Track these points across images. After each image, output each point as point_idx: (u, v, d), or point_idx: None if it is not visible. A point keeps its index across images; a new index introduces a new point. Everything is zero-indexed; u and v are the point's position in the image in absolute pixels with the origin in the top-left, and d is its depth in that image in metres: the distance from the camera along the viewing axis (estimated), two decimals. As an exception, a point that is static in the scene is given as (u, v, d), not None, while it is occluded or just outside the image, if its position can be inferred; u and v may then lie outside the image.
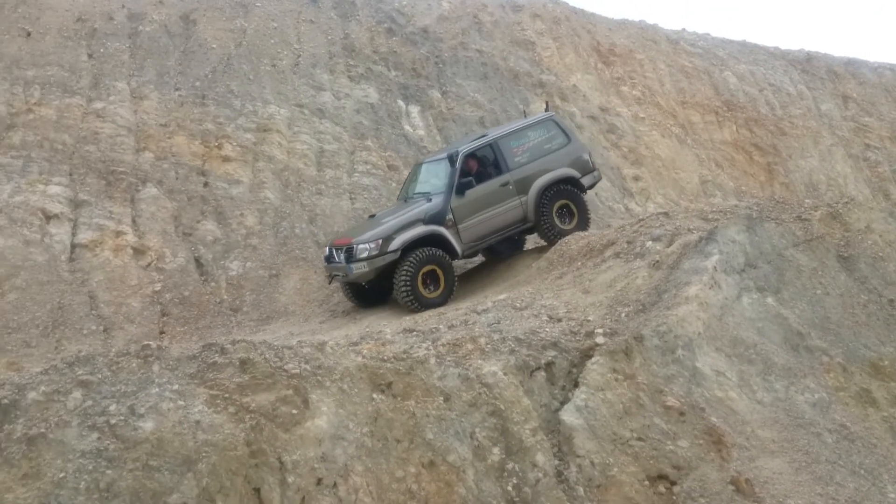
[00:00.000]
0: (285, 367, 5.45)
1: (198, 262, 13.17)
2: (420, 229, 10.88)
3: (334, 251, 11.33)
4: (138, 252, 12.85)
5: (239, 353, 5.39)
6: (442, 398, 5.78)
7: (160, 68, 16.41)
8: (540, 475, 5.63)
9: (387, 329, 8.45)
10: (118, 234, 12.96)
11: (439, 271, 10.81)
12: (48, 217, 12.76)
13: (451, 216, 11.14)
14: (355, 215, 15.00)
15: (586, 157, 12.51)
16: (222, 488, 4.57)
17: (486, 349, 6.33)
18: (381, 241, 10.71)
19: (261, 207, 14.54)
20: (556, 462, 5.84)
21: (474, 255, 12.14)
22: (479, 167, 11.83)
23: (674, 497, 5.78)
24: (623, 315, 7.17)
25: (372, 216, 12.90)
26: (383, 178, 16.10)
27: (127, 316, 11.52)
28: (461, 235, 11.19)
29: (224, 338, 6.82)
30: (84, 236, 12.70)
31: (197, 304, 12.27)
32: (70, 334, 10.61)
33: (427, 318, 9.18)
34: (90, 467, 4.30)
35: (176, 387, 5.03)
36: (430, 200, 11.31)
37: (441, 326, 7.57)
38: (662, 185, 20.37)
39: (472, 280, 12.30)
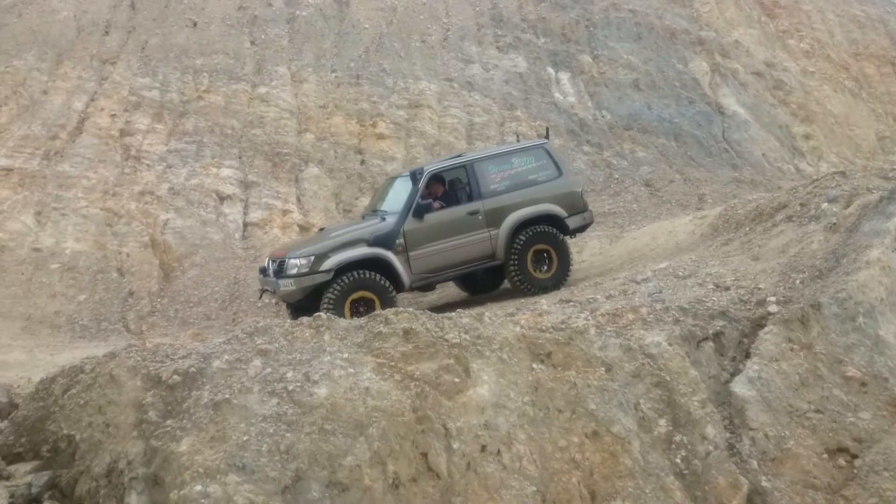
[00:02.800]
0: (446, 336, 5.54)
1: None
2: (360, 251, 9.44)
3: (269, 263, 9.94)
4: (304, 228, 13.48)
5: (402, 324, 5.53)
6: (603, 369, 5.69)
7: (317, 51, 17.04)
8: (710, 448, 5.45)
9: (542, 300, 8.42)
10: (285, 212, 13.66)
11: (375, 299, 9.25)
12: (222, 198, 13.64)
13: (401, 240, 9.66)
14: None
15: (577, 193, 10.64)
16: (392, 452, 4.73)
17: (649, 319, 6.16)
18: (312, 259, 9.35)
19: (412, 182, 14.86)
20: (728, 435, 5.63)
21: (427, 288, 10.49)
22: (446, 190, 10.34)
23: (855, 470, 5.45)
24: (797, 282, 6.76)
25: (321, 230, 11.69)
26: (535, 149, 16.00)
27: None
28: (411, 264, 9.69)
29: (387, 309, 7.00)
30: (254, 215, 13.49)
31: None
32: (245, 307, 11.30)
33: (583, 290, 9.05)
34: (271, 430, 4.57)
35: (346, 355, 5.23)
36: (383, 220, 9.92)
37: (599, 297, 7.45)
38: (836, 142, 18.99)
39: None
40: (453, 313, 6.04)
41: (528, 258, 9.94)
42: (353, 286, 9.26)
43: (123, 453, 4.65)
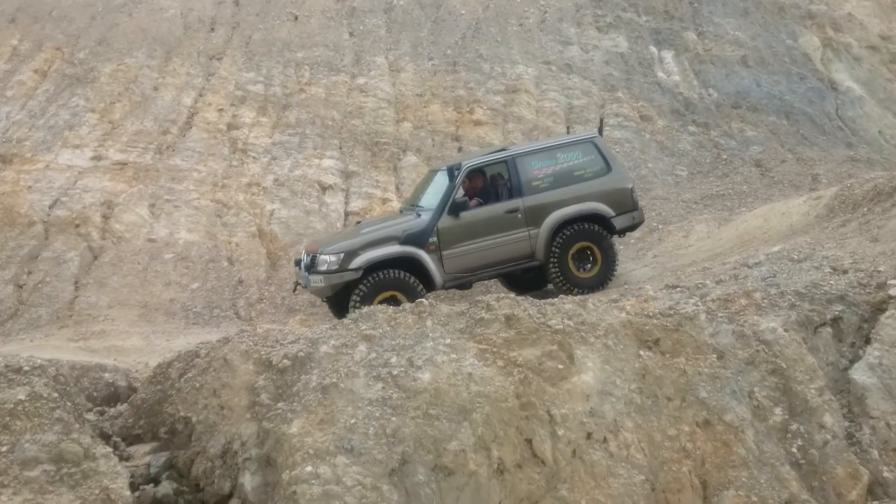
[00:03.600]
0: (549, 322, 5.46)
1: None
2: (391, 249, 9.21)
3: (305, 256, 9.78)
4: (403, 216, 13.64)
5: (504, 310, 5.48)
6: (715, 356, 5.49)
7: (414, 40, 17.14)
8: (828, 437, 5.19)
9: (648, 285, 8.20)
10: (384, 200, 13.84)
11: (404, 299, 8.81)
12: (323, 188, 13.93)
13: (434, 239, 9.34)
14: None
15: (627, 191, 10.03)
16: (496, 438, 4.70)
17: (763, 304, 5.90)
18: (343, 256, 9.16)
19: (514, 168, 14.75)
20: (846, 423, 5.35)
21: (464, 287, 10.11)
22: (485, 186, 10.00)
23: (983, 461, 5.09)
24: (922, 264, 6.35)
25: (358, 223, 11.54)
26: (636, 131, 15.61)
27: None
28: (444, 263, 9.38)
29: (489, 295, 6.99)
30: (355, 204, 13.71)
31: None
32: (350, 294, 11.48)
33: (691, 275, 8.78)
34: (377, 414, 4.62)
35: (448, 341, 5.23)
36: (419, 216, 9.62)
37: (708, 282, 7.19)
38: (959, 117, 17.75)
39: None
40: (555, 299, 5.96)
41: (568, 257, 9.53)
42: (381, 285, 9.06)
43: (237, 435, 4.80)
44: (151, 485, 4.71)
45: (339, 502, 4.20)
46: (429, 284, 9.34)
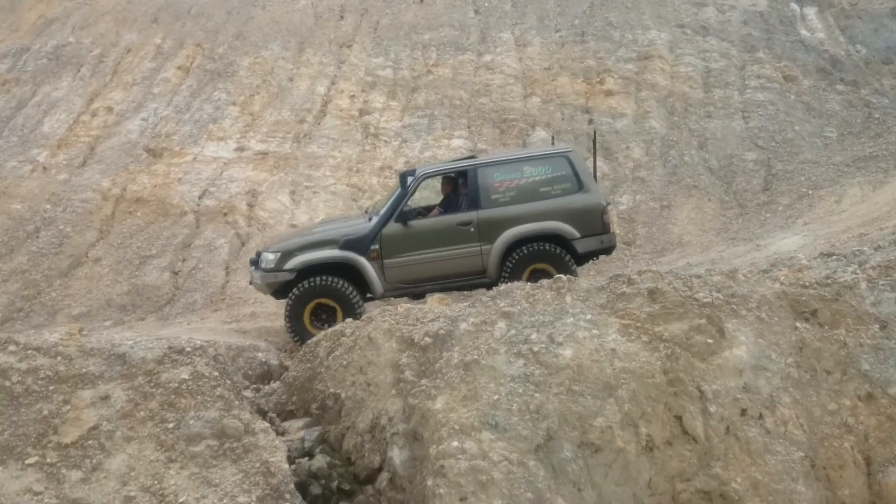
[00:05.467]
0: (695, 295, 5.26)
1: (589, 198, 13.44)
2: (327, 253, 8.86)
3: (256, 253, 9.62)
4: (534, 193, 13.52)
5: (647, 283, 5.33)
6: (877, 326, 5.13)
7: (540, 13, 16.89)
8: None
9: (800, 254, 7.76)
10: (515, 177, 13.76)
11: (337, 308, 8.69)
12: (455, 167, 14.01)
13: (377, 246, 8.89)
14: (749, 135, 14.02)
15: (597, 212, 9.11)
16: (644, 414, 4.59)
17: (930, 270, 5.45)
18: (279, 256, 8.92)
19: (646, 138, 14.31)
20: None
21: (418, 297, 9.44)
22: (450, 195, 9.49)
23: None
24: None
25: (321, 221, 11.09)
26: (780, 92, 14.77)
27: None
28: (385, 272, 8.93)
29: (629, 269, 6.82)
30: (486, 182, 13.72)
31: (592, 239, 12.52)
32: (483, 272, 11.51)
33: (846, 241, 8.24)
34: (520, 390, 4.60)
35: (589, 316, 5.14)
36: (370, 220, 9.18)
37: (866, 248, 6.71)
38: None
39: None
40: (703, 271, 5.73)
41: (523, 279, 8.64)
42: (314, 291, 8.75)
43: (384, 410, 4.92)
44: (306, 458, 4.90)
45: (487, 477, 4.22)
46: (367, 293, 9.03)
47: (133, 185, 13.60)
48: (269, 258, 8.99)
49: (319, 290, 8.74)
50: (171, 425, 4.15)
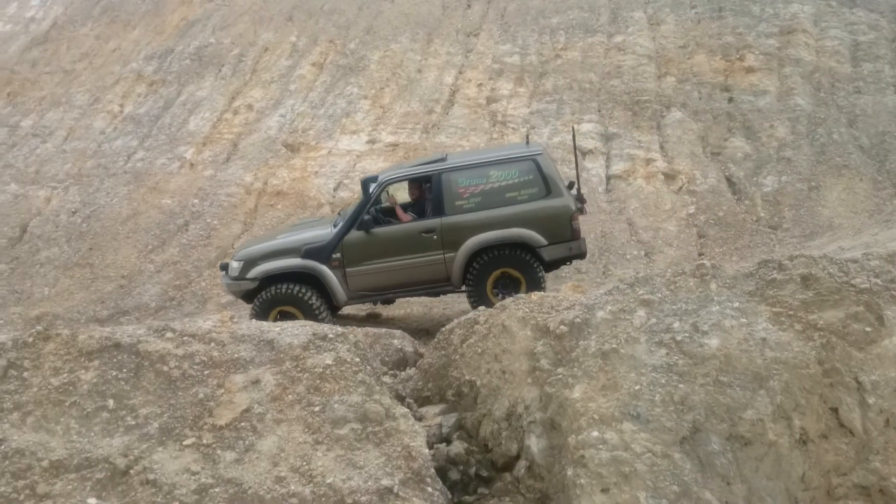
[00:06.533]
0: (852, 281, 4.93)
1: (729, 180, 12.90)
2: (288, 262, 8.77)
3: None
4: (669, 177, 13.09)
5: (799, 269, 5.03)
6: None
7: (673, -11, 16.33)
8: None
9: (969, 236, 7.14)
10: (648, 161, 13.37)
11: (298, 314, 8.59)
12: (584, 153, 13.76)
13: (339, 255, 8.74)
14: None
15: (566, 219, 8.74)
16: (797, 406, 4.34)
17: None
18: (243, 265, 8.91)
19: (791, 116, 13.57)
20: None
21: (387, 301, 9.41)
22: (419, 199, 9.30)
23: None
24: None
25: (295, 224, 10.85)
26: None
27: (665, 240, 11.85)
28: (348, 281, 8.78)
29: (776, 254, 6.48)
30: (617, 167, 13.41)
31: (733, 223, 12.03)
32: (615, 259, 11.31)
33: None
34: (663, 381, 4.45)
35: (736, 304, 4.91)
36: (335, 227, 9.06)
37: None
38: None
39: None
40: (859, 255, 5.36)
41: (487, 285, 8.64)
42: (275, 300, 8.72)
43: (520, 398, 4.88)
44: (444, 444, 4.95)
45: (629, 468, 4.11)
46: (331, 302, 8.95)
47: (273, 179, 14.18)
48: (234, 266, 9.09)
49: (282, 298, 8.78)
50: (317, 408, 4.28)
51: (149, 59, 19.01)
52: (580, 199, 9.39)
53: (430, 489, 3.98)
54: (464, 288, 9.00)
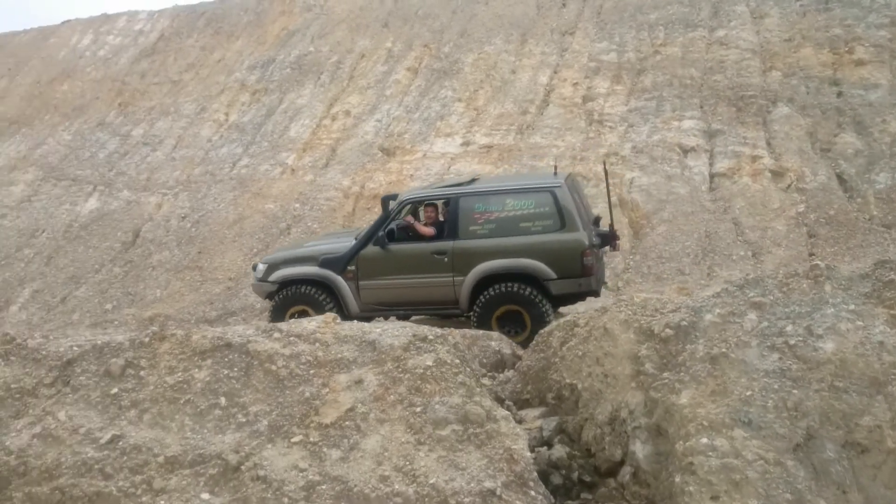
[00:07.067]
0: (978, 282, 4.62)
1: (840, 178, 12.34)
2: (305, 269, 9.25)
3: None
4: (776, 174, 12.63)
5: (919, 270, 4.75)
6: None
7: (777, -19, 15.74)
8: None
9: None
10: (754, 158, 12.93)
11: (312, 313, 8.62)
12: (685, 151, 13.43)
13: (353, 267, 9.07)
14: None
15: (577, 254, 8.53)
16: (922, 415, 4.10)
17: None
18: (267, 268, 9.53)
19: (908, 109, 12.87)
20: None
21: (405, 317, 9.18)
22: (438, 219, 9.39)
23: None
24: None
25: (325, 234, 11.53)
26: None
27: (773, 240, 11.43)
28: (361, 293, 9.11)
29: (891, 254, 6.16)
30: (721, 165, 13.02)
31: (844, 222, 11.49)
32: (720, 261, 10.98)
33: None
34: (775, 386, 4.28)
35: (851, 306, 4.68)
36: (355, 240, 9.41)
37: None
38: None
39: None
40: None
41: (493, 319, 8.61)
42: (291, 300, 9.23)
43: (624, 403, 4.79)
44: (545, 448, 4.90)
45: (740, 476, 3.97)
46: (344, 311, 9.18)
47: (370, 183, 14.42)
48: (259, 268, 9.72)
49: (298, 298, 9.30)
50: (418, 409, 4.31)
51: (251, 68, 19.66)
52: (612, 235, 9.35)
53: (532, 493, 3.95)
54: (471, 315, 9.06)
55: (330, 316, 5.12)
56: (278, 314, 9.24)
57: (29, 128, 20.49)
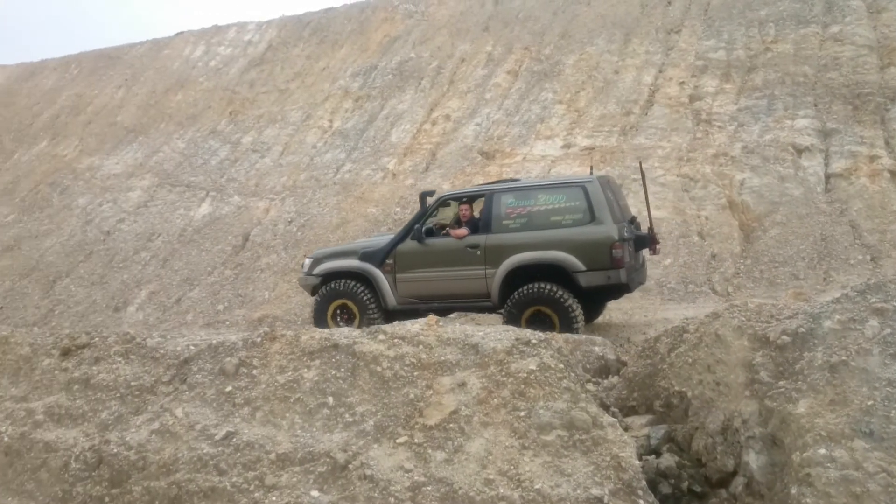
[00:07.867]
0: None
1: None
2: (345, 263, 9.72)
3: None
4: (895, 175, 11.93)
5: None
6: None
7: (898, -29, 14.90)
8: None
9: None
10: (872, 158, 12.28)
11: (355, 309, 9.51)
12: (798, 151, 12.87)
13: (391, 261, 9.47)
14: None
15: (606, 246, 8.53)
16: None
17: None
18: (312, 262, 10.05)
19: None
20: None
21: (442, 313, 8.96)
22: (473, 217, 9.58)
23: None
24: None
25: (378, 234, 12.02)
26: None
27: (892, 243, 10.83)
28: (398, 286, 9.48)
29: None
30: (837, 165, 12.41)
31: (974, 224, 10.74)
32: (836, 265, 10.47)
33: None
34: (900, 397, 4.04)
35: None
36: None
37: None
38: None
39: None
40: None
41: (522, 321, 8.56)
42: (334, 293, 9.63)
43: (737, 412, 4.62)
44: (653, 456, 4.78)
45: (861, 488, 3.77)
46: (382, 303, 9.54)
47: (470, 187, 14.44)
48: (306, 263, 10.28)
49: (339, 292, 9.69)
50: (522, 413, 4.28)
51: (355, 75, 20.07)
52: (652, 238, 9.36)
53: (641, 502, 3.86)
54: (502, 310, 9.13)
55: (433, 318, 5.16)
56: (321, 309, 9.82)
57: (145, 136, 21.59)
